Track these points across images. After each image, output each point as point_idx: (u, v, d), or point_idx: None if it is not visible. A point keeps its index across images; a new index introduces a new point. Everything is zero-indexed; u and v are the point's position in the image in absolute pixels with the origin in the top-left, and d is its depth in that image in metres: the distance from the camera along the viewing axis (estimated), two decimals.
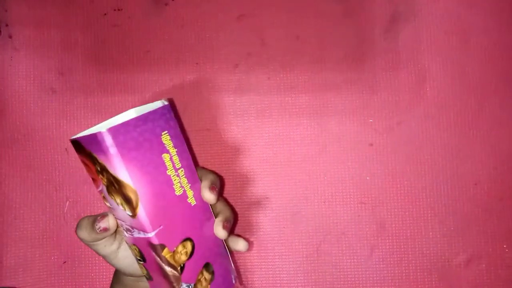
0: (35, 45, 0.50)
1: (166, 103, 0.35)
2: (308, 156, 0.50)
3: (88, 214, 0.49)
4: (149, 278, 0.35)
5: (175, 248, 0.34)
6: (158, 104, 0.35)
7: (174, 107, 0.50)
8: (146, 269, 0.35)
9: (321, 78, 0.50)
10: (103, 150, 0.29)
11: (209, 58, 0.50)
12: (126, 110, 0.35)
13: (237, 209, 0.50)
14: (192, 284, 0.35)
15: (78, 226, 0.35)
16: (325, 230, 0.49)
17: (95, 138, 0.29)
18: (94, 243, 0.35)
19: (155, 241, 0.32)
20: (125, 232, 0.34)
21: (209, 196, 0.36)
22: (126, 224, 0.33)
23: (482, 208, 0.49)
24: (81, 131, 0.50)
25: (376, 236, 0.49)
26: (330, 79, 0.50)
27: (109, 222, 0.34)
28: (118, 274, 0.41)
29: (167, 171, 0.33)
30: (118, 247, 0.37)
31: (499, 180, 0.49)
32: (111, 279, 0.43)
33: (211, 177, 0.38)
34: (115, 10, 0.51)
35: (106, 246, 0.36)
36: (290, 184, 0.49)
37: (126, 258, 0.37)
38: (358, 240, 0.49)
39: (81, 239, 0.35)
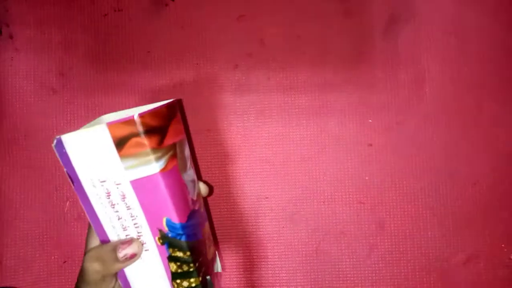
0: (36, 45, 0.50)
1: (58, 138, 0.29)
2: (308, 156, 0.50)
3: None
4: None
5: None
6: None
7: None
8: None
9: (320, 79, 0.50)
10: None
11: (209, 59, 0.50)
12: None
13: (236, 209, 0.50)
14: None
15: (90, 259, 0.29)
16: (324, 229, 0.49)
17: None
18: (108, 276, 0.30)
19: None
20: None
21: None
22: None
23: (481, 208, 0.49)
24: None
25: (375, 236, 0.49)
26: (330, 80, 0.50)
27: (136, 246, 0.30)
28: None
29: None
30: (114, 285, 0.32)
31: (498, 180, 0.49)
32: None
33: None
34: (115, 11, 0.51)
35: (111, 283, 0.31)
36: (290, 184, 0.50)
37: None
38: (357, 239, 0.49)
39: (91, 273, 0.29)
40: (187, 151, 0.35)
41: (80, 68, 0.50)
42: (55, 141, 0.29)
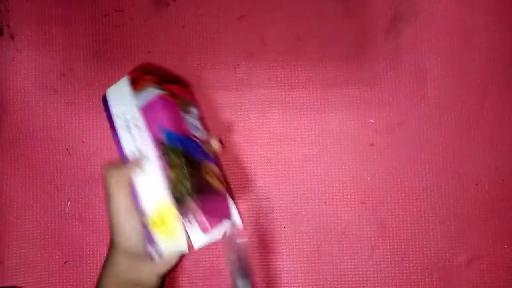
0: (37, 45, 0.50)
1: (104, 94, 0.43)
2: (309, 156, 0.50)
3: (90, 209, 0.50)
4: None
5: None
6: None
7: None
8: None
9: (322, 79, 0.50)
10: None
11: (210, 59, 0.50)
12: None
13: (238, 209, 0.50)
14: None
15: (110, 167, 0.40)
16: (325, 230, 0.49)
17: None
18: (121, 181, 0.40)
19: None
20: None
21: None
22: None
23: (483, 209, 0.49)
24: (82, 131, 0.50)
25: (377, 236, 0.49)
26: (331, 80, 0.50)
27: (141, 163, 0.40)
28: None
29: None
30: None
31: (500, 181, 0.49)
32: None
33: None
34: (116, 10, 0.51)
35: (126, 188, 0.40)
36: (291, 184, 0.49)
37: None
38: (359, 240, 0.49)
39: (108, 176, 0.39)
40: (193, 110, 0.46)
41: (81, 68, 0.50)
42: (103, 96, 0.43)
